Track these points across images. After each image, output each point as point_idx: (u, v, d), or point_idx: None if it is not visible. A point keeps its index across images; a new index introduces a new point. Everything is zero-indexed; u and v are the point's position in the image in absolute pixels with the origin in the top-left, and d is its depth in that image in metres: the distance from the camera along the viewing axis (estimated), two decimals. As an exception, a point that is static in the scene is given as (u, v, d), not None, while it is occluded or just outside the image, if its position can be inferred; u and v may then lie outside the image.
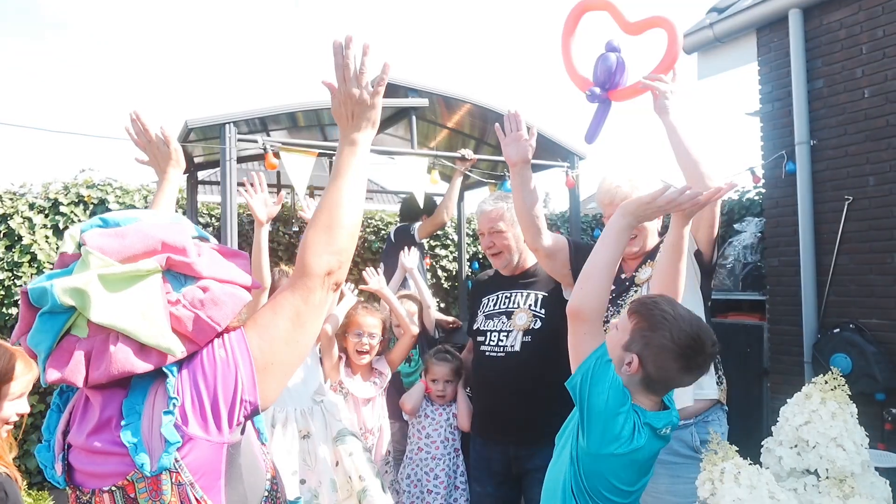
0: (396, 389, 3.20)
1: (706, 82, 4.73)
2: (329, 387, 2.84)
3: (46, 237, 4.33)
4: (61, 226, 4.38)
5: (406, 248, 3.80)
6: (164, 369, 1.06)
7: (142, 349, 1.03)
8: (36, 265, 4.26)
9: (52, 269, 1.10)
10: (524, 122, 2.37)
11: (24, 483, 1.75)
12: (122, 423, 1.03)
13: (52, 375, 1.02)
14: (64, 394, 1.18)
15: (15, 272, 4.19)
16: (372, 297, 3.34)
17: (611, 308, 2.23)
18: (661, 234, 2.38)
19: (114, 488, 1.04)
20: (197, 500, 1.04)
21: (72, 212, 4.43)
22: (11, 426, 1.62)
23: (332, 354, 2.85)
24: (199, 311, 1.07)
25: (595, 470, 1.43)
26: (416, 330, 2.97)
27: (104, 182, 4.66)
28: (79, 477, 1.09)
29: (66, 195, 4.45)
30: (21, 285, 4.19)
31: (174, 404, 1.03)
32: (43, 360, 1.04)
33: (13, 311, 4.17)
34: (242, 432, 1.14)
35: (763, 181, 4.35)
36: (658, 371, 1.47)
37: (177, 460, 1.02)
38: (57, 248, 4.34)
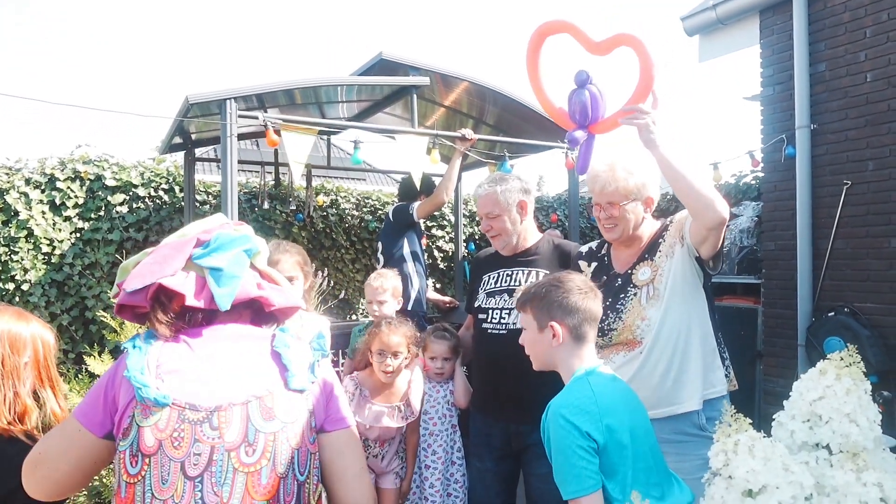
0: None
1: (707, 65, 4.73)
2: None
3: (43, 212, 4.29)
4: (58, 201, 4.34)
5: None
6: (321, 333, 1.37)
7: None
8: (32, 241, 4.23)
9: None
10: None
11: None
12: (275, 345, 1.27)
13: (255, 292, 1.28)
14: (149, 339, 1.24)
15: (11, 248, 4.16)
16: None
17: (611, 315, 2.18)
18: (658, 217, 2.35)
19: (252, 399, 1.18)
20: (311, 427, 1.23)
21: (68, 187, 4.39)
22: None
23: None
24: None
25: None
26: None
27: (100, 158, 4.62)
28: (189, 394, 1.16)
29: (62, 171, 4.41)
30: (18, 261, 4.16)
31: (328, 356, 1.36)
32: (237, 283, 1.26)
33: (10, 286, 4.15)
34: None
35: (762, 165, 4.36)
36: (574, 316, 1.69)
37: (308, 389, 1.25)
38: (54, 224, 4.32)
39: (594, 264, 2.40)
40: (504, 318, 2.60)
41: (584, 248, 2.51)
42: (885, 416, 3.25)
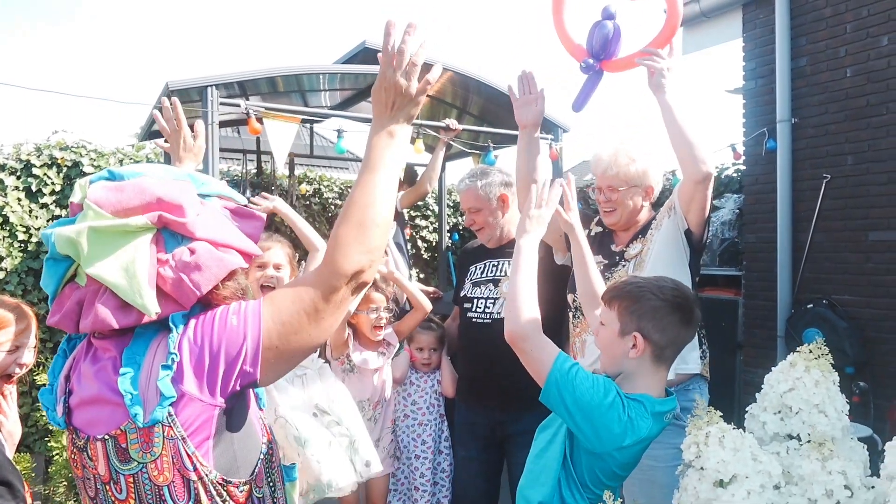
0: None
1: (690, 57, 4.74)
2: (334, 361, 2.81)
3: (19, 199, 4.21)
4: (34, 188, 4.26)
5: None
6: (169, 324, 1.06)
7: (123, 306, 1.04)
8: (8, 228, 4.15)
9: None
10: (537, 83, 2.29)
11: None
12: (121, 371, 1.04)
13: (51, 319, 1.08)
14: (72, 341, 1.19)
15: (-14, 235, 4.08)
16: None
17: None
18: (655, 207, 2.38)
19: (107, 437, 1.06)
20: (188, 455, 1.05)
21: (45, 174, 4.31)
22: (14, 379, 1.65)
23: (342, 332, 2.80)
24: (183, 273, 1.05)
25: (598, 466, 1.42)
26: (429, 307, 2.94)
27: (78, 144, 4.53)
28: (77, 421, 1.11)
29: (38, 157, 4.32)
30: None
31: (173, 360, 1.03)
32: (50, 303, 1.10)
33: (-15, 274, 4.08)
34: (238, 399, 1.13)
35: (744, 158, 4.39)
36: (662, 334, 1.45)
37: (170, 414, 1.03)
38: (30, 212, 4.25)
39: (599, 229, 2.44)
40: (489, 308, 2.62)
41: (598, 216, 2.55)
42: (861, 407, 3.32)
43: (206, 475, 1.06)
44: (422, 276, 6.00)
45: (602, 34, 2.27)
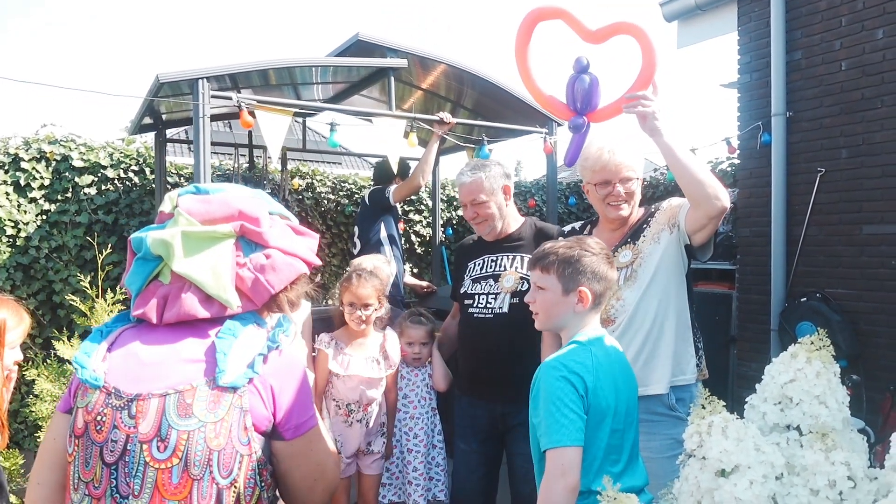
0: None
1: (685, 51, 4.73)
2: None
3: (7, 194, 4.16)
4: (22, 182, 4.21)
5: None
6: (281, 321, 1.26)
7: (207, 299, 1.19)
8: (-4, 222, 4.11)
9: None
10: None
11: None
12: (220, 333, 1.17)
13: (137, 311, 1.21)
14: (108, 327, 1.26)
15: (-26, 229, 4.03)
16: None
17: None
18: (641, 205, 2.36)
19: (170, 392, 1.11)
20: (245, 427, 1.13)
21: (33, 168, 4.26)
22: (9, 374, 1.70)
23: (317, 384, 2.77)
24: (260, 274, 1.23)
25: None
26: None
27: (67, 138, 4.48)
28: (120, 381, 1.15)
29: (26, 151, 4.27)
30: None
31: (277, 347, 1.19)
32: (134, 297, 1.23)
33: (-27, 269, 4.03)
34: None
35: (738, 152, 4.39)
36: (601, 283, 1.71)
37: (244, 386, 1.14)
38: (19, 206, 4.20)
39: None
40: (490, 303, 2.62)
41: (567, 228, 2.54)
42: (853, 399, 3.32)
43: (255, 452, 1.14)
44: (415, 270, 5.99)
45: (581, 88, 2.25)
